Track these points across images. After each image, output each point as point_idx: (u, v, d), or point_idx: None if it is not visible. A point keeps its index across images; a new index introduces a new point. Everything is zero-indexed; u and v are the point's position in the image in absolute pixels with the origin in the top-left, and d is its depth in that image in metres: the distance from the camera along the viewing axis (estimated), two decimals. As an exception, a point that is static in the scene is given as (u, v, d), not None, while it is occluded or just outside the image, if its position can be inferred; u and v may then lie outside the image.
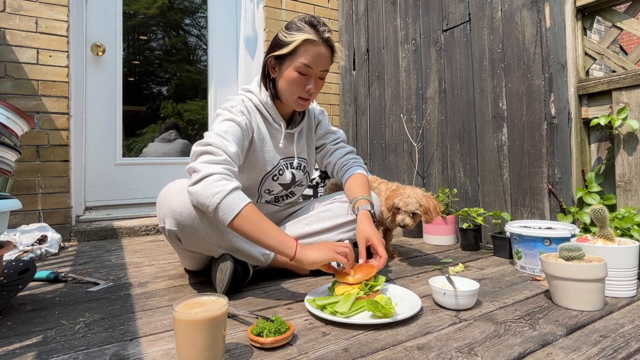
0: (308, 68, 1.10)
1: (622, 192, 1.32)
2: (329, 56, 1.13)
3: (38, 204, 1.80)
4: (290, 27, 1.11)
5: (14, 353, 0.72)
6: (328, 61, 1.14)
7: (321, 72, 1.13)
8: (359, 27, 2.54)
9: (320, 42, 1.09)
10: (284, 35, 1.11)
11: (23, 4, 1.79)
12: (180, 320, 0.63)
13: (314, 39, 1.08)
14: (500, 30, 1.63)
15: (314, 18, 1.12)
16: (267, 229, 0.94)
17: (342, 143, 1.38)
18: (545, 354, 0.70)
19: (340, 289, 0.94)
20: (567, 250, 0.94)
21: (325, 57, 1.12)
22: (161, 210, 1.02)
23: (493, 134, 1.65)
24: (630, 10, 1.38)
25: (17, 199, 0.97)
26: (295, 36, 1.09)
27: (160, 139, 2.48)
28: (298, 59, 1.09)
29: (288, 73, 1.12)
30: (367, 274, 0.95)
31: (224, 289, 1.00)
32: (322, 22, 1.13)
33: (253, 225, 0.92)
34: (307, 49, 1.09)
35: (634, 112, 1.29)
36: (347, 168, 1.30)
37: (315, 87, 1.15)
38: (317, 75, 1.13)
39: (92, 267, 1.37)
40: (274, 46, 1.15)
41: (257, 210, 0.95)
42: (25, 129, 1.13)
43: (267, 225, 0.94)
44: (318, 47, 1.09)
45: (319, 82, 1.17)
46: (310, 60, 1.09)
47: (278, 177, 1.23)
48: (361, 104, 2.50)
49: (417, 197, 1.26)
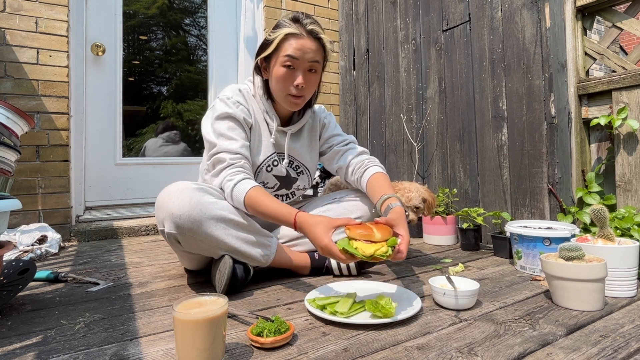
0: (293, 59, 1.08)
1: (622, 192, 1.32)
2: (316, 48, 1.11)
3: (38, 204, 1.80)
4: (275, 26, 1.13)
5: (14, 353, 0.72)
6: (315, 53, 1.11)
7: (309, 63, 1.11)
8: (359, 27, 2.54)
9: (304, 34, 1.09)
10: (269, 35, 1.12)
11: (23, 4, 1.79)
12: (180, 320, 0.63)
13: (296, 32, 1.08)
14: (500, 30, 1.62)
15: (300, 14, 1.12)
16: (269, 205, 1.01)
17: (352, 144, 1.33)
18: (545, 354, 0.70)
19: (364, 245, 0.84)
20: (567, 250, 0.94)
21: (311, 49, 1.09)
22: (160, 213, 1.02)
23: (493, 134, 1.65)
24: (630, 10, 1.38)
25: (17, 199, 0.97)
26: (277, 32, 1.10)
27: (164, 138, 2.47)
28: (282, 53, 1.09)
29: (276, 70, 1.12)
30: (387, 232, 0.88)
31: (223, 289, 1.00)
32: (307, 16, 1.13)
33: (257, 205, 1.02)
34: (291, 42, 1.09)
35: (634, 112, 1.29)
36: (365, 169, 1.24)
37: (306, 82, 1.12)
38: (305, 67, 1.11)
39: (92, 267, 1.36)
40: (261, 47, 1.16)
41: (262, 191, 1.04)
42: (25, 129, 1.13)
43: (269, 202, 1.02)
44: (302, 39, 1.08)
45: (310, 76, 1.13)
46: (293, 51, 1.08)
47: (272, 168, 1.23)
48: (361, 104, 2.50)
49: (419, 191, 1.26)
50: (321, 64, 1.16)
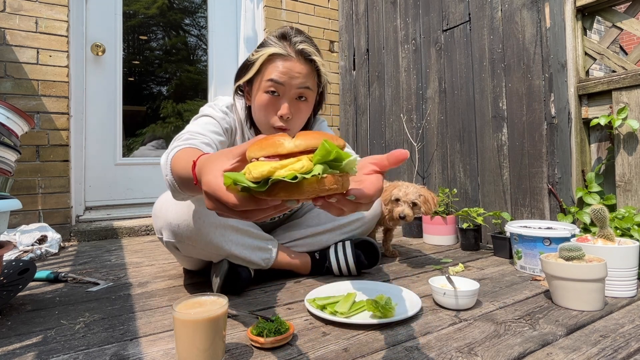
0: (278, 85, 0.92)
1: (622, 192, 1.32)
2: (307, 72, 0.94)
3: (38, 204, 1.80)
4: (261, 44, 0.97)
5: (14, 353, 0.72)
6: (306, 78, 0.93)
7: (298, 90, 0.93)
8: (359, 27, 2.54)
9: (293, 55, 0.92)
10: (252, 54, 0.96)
11: (23, 4, 1.79)
12: (180, 320, 0.63)
13: (281, 52, 0.92)
14: (500, 30, 1.62)
15: (289, 29, 0.96)
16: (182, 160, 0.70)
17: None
18: (545, 354, 0.70)
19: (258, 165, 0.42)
20: (567, 250, 0.94)
21: (300, 72, 0.92)
22: (158, 221, 1.01)
23: (493, 134, 1.65)
24: (630, 10, 1.38)
25: (17, 199, 0.97)
26: (260, 51, 0.93)
27: (153, 145, 2.47)
28: (265, 77, 0.93)
29: (258, 97, 0.95)
30: (313, 138, 0.43)
31: (217, 288, 1.01)
32: (299, 32, 0.96)
33: (174, 165, 0.73)
34: (276, 64, 0.92)
35: (634, 112, 1.29)
36: None
37: (294, 112, 0.95)
38: (292, 94, 0.94)
39: (92, 267, 1.36)
40: (241, 69, 1.00)
41: (187, 151, 0.75)
42: (25, 129, 1.13)
43: (186, 157, 0.70)
44: (289, 61, 0.92)
45: (298, 104, 0.96)
46: (278, 75, 0.91)
47: None
48: (361, 104, 2.50)
49: (415, 187, 1.27)
50: (314, 90, 0.98)
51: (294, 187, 0.40)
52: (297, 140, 0.43)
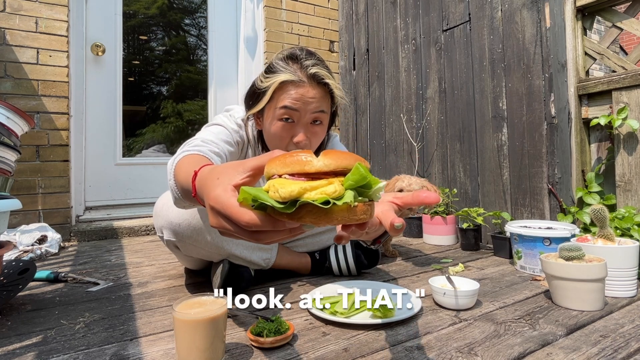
0: (292, 111, 0.88)
1: (622, 192, 1.32)
2: (321, 95, 0.90)
3: (38, 204, 1.80)
4: (269, 69, 0.93)
5: (14, 353, 0.72)
6: (320, 102, 0.90)
7: (313, 115, 0.90)
8: (359, 27, 2.54)
9: (305, 80, 0.88)
10: (260, 80, 0.92)
11: (23, 4, 1.79)
12: (180, 320, 0.63)
13: (293, 79, 0.88)
14: (500, 30, 1.62)
15: (299, 50, 0.91)
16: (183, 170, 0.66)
17: None
18: (545, 354, 0.70)
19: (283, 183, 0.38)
20: (567, 250, 0.94)
21: (314, 97, 0.89)
22: (158, 221, 1.01)
23: (493, 134, 1.65)
24: (630, 10, 1.38)
25: (17, 199, 0.97)
26: (271, 79, 0.89)
27: (155, 149, 2.48)
28: (278, 104, 0.89)
29: (271, 125, 0.92)
30: (344, 160, 0.39)
31: (218, 286, 1.01)
32: (310, 54, 0.91)
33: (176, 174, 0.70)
34: (288, 90, 0.88)
35: (634, 112, 1.29)
36: None
37: (310, 136, 0.92)
38: (307, 120, 0.91)
39: (92, 267, 1.36)
40: (250, 96, 0.96)
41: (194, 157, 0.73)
42: (25, 129, 1.13)
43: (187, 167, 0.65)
44: (302, 87, 0.88)
45: (314, 128, 0.93)
46: (292, 102, 0.88)
47: None
48: (361, 104, 2.50)
49: (419, 179, 1.27)
50: (328, 112, 0.95)
51: (323, 212, 0.36)
52: (327, 160, 0.39)
